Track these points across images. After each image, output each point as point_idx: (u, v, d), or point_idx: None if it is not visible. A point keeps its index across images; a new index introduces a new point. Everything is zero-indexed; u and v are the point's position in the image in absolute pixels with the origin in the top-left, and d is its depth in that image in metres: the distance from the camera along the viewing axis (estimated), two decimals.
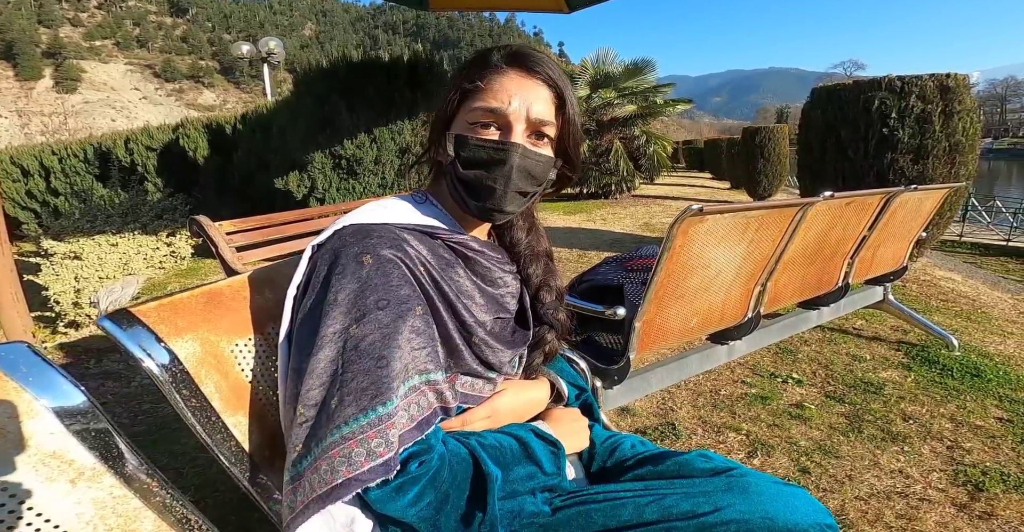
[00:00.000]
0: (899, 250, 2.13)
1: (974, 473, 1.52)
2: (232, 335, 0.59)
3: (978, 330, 2.77)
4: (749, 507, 0.58)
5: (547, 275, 0.75)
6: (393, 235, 0.59)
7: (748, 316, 1.50)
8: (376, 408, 0.51)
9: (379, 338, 0.53)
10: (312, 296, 0.56)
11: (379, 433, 0.51)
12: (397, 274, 0.56)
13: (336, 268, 0.55)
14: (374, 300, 0.54)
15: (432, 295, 0.60)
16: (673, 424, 1.82)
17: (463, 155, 0.60)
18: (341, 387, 0.51)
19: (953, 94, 3.02)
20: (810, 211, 1.29)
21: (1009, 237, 7.12)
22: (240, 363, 0.59)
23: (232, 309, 0.59)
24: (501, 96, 0.59)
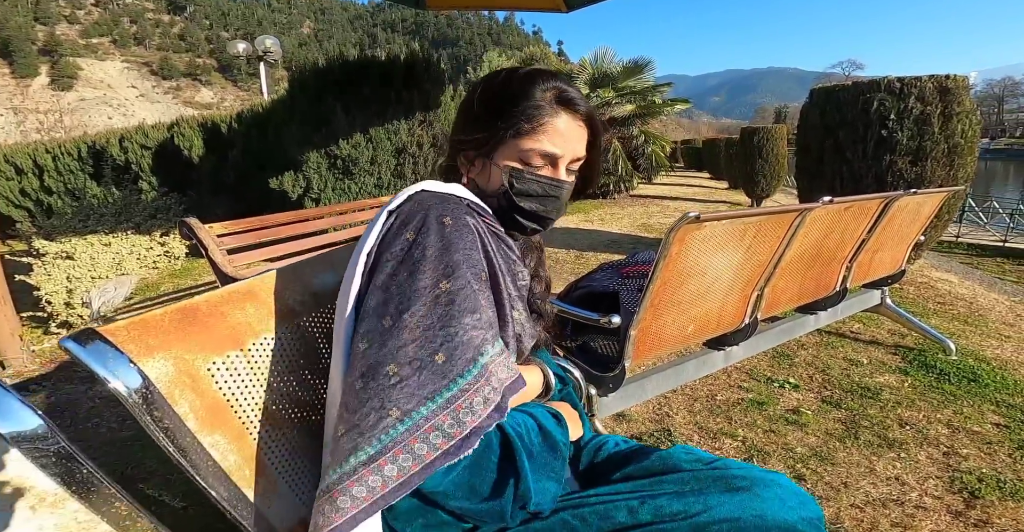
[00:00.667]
0: (897, 254, 2.12)
1: (970, 480, 1.51)
2: (209, 353, 0.56)
3: (975, 334, 2.76)
4: (739, 505, 0.60)
5: (538, 266, 0.80)
6: (460, 205, 0.63)
7: (745, 322, 1.48)
8: (479, 359, 0.53)
9: (471, 292, 0.56)
10: (391, 253, 0.57)
11: (488, 381, 0.54)
12: (471, 239, 0.60)
13: (418, 227, 0.58)
14: (460, 257, 0.57)
15: (495, 263, 0.63)
16: (669, 430, 1.80)
17: (517, 187, 0.67)
18: (447, 341, 0.52)
19: (952, 96, 3.00)
20: (809, 216, 1.27)
21: (1005, 238, 7.13)
22: (218, 382, 0.57)
23: (209, 326, 0.57)
24: (557, 141, 0.66)
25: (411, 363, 0.52)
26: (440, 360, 0.52)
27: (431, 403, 0.51)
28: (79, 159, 6.38)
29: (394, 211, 0.62)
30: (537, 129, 0.65)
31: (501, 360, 0.56)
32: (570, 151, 0.68)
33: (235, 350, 0.59)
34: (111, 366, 0.47)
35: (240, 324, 0.59)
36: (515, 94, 0.66)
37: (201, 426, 0.55)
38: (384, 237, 0.60)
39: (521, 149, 0.66)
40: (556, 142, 0.66)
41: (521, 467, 0.58)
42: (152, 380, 0.50)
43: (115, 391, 0.48)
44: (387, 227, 0.61)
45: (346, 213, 2.95)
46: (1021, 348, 2.59)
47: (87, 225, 4.78)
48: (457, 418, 0.51)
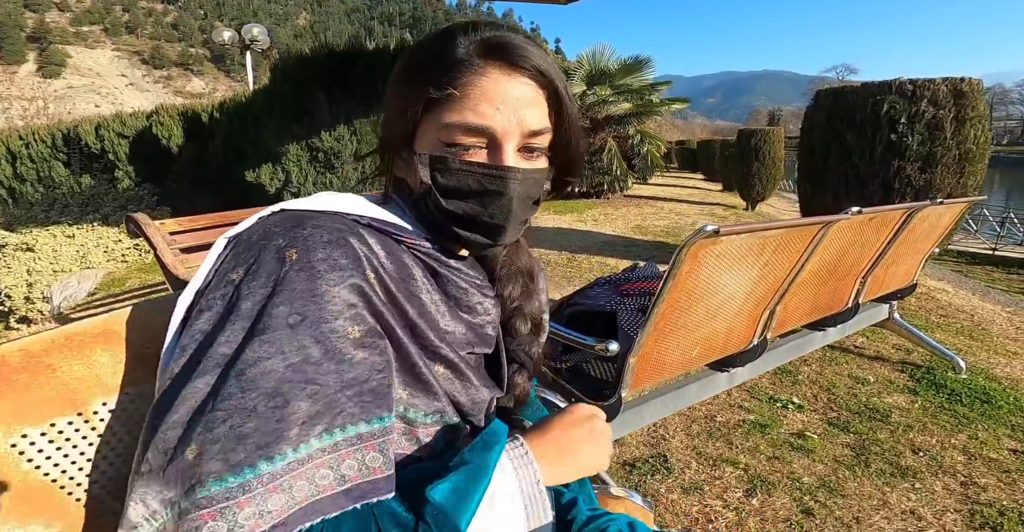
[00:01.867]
0: (911, 266, 1.99)
1: (991, 514, 1.41)
2: (16, 423, 0.39)
3: (982, 349, 2.65)
4: None
5: (523, 299, 0.59)
6: (339, 226, 0.44)
7: (754, 342, 1.34)
8: (257, 465, 0.36)
9: (280, 366, 0.38)
10: (204, 300, 0.41)
11: (252, 501, 0.36)
12: (328, 279, 0.41)
13: (246, 263, 0.41)
14: (285, 312, 0.39)
15: (381, 310, 0.44)
16: (665, 456, 1.65)
17: (442, 182, 0.47)
18: (207, 430, 0.36)
19: (966, 99, 2.88)
20: (832, 228, 1.12)
21: (995, 246, 7.13)
22: (34, 459, 0.40)
23: (20, 385, 0.39)
24: (483, 108, 0.45)
25: (165, 452, 0.37)
26: (190, 456, 0.36)
27: (167, 512, 0.36)
28: (52, 147, 6.11)
29: (233, 239, 0.45)
30: (455, 95, 0.45)
31: (304, 473, 0.38)
32: (514, 122, 0.46)
33: (69, 415, 0.41)
34: None
35: (81, 379, 0.42)
36: (428, 54, 0.47)
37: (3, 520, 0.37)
38: (212, 276, 0.43)
39: (439, 127, 0.46)
40: (484, 110, 0.45)
41: None
42: None
43: None
44: (220, 259, 0.43)
45: None
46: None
47: (50, 216, 4.53)
48: None
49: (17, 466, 0.39)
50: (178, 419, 0.37)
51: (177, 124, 5.68)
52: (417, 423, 0.48)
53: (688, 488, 1.51)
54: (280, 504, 0.37)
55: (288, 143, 3.87)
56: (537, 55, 0.47)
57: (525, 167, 0.48)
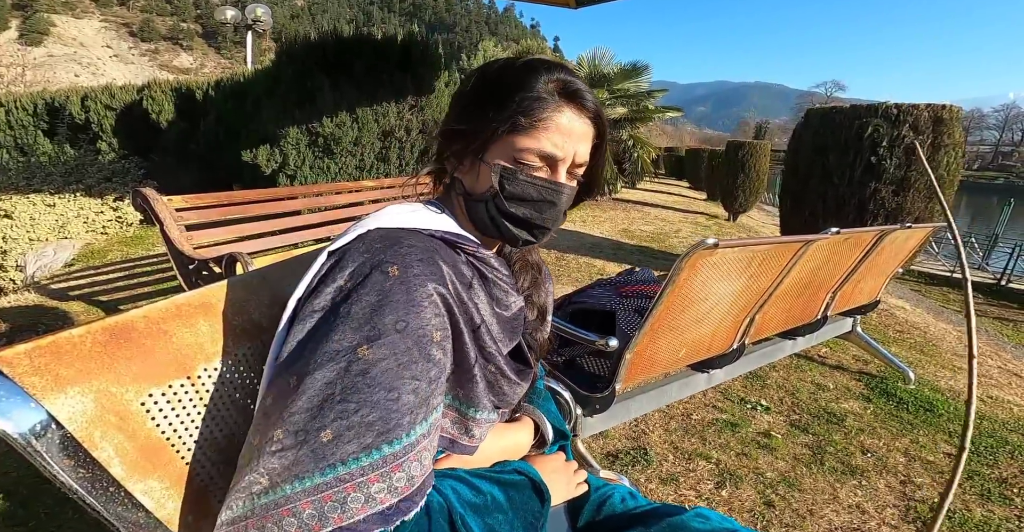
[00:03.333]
0: (876, 284, 2.15)
1: (923, 510, 1.55)
2: (145, 383, 0.45)
3: (931, 364, 2.86)
4: None
5: (533, 289, 0.69)
6: (426, 245, 0.53)
7: (733, 346, 1.45)
8: (382, 447, 0.44)
9: (393, 366, 0.46)
10: (317, 303, 0.48)
11: (382, 477, 0.44)
12: (422, 293, 0.49)
13: (355, 276, 0.48)
14: (393, 320, 0.47)
15: (458, 317, 0.53)
16: (645, 449, 1.77)
17: (509, 189, 0.57)
18: (340, 418, 0.43)
19: (945, 126, 3.04)
20: (813, 246, 1.24)
21: (953, 269, 7.50)
22: (156, 418, 0.46)
23: (147, 350, 0.45)
24: (558, 141, 0.56)
25: (297, 434, 0.43)
26: (325, 438, 0.43)
27: (294, 484, 0.42)
28: (34, 114, 5.88)
29: (335, 252, 0.52)
30: (537, 125, 0.55)
31: (415, 454, 0.46)
32: (572, 153, 0.57)
33: (180, 378, 0.48)
34: (2, 406, 0.36)
35: (189, 346, 0.48)
36: (513, 84, 0.56)
37: (130, 473, 0.44)
38: (317, 284, 0.49)
39: (516, 148, 0.56)
40: (557, 141, 0.56)
41: None
42: (63, 422, 0.39)
43: (8, 438, 0.36)
44: (323, 271, 0.50)
45: (322, 195, 2.78)
46: None
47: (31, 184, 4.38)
48: (321, 510, 0.42)
49: (143, 424, 0.45)
50: (303, 405, 0.43)
51: (169, 99, 5.53)
52: (470, 416, 0.58)
53: (665, 479, 1.62)
54: (403, 481, 0.45)
55: (288, 126, 3.84)
56: (595, 101, 0.59)
57: (570, 185, 0.60)
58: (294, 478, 0.42)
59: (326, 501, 0.42)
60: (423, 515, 0.47)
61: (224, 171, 4.54)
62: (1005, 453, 1.92)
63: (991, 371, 3.00)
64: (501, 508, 0.57)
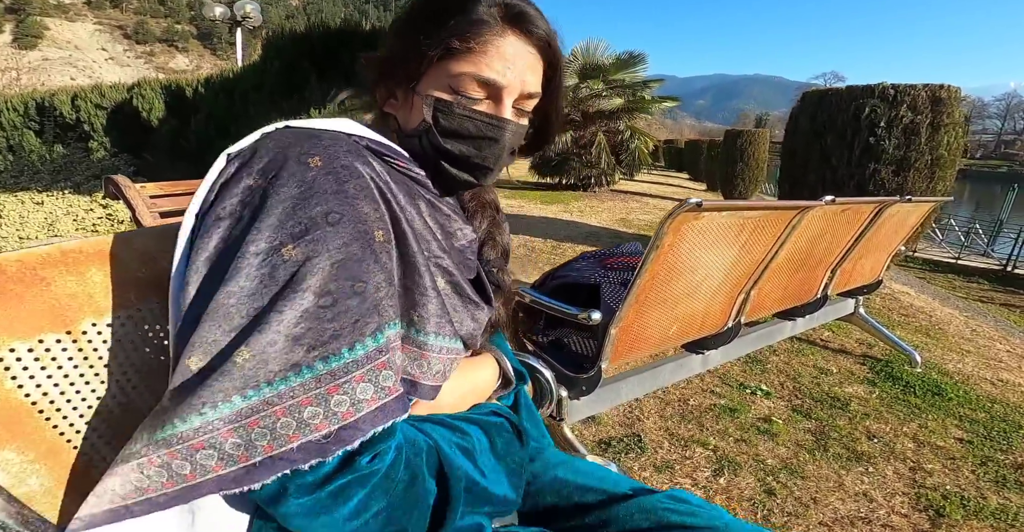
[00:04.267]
0: (878, 263, 2.08)
1: (935, 498, 1.49)
2: (8, 336, 0.38)
3: (937, 347, 2.80)
4: None
5: (492, 228, 0.64)
6: (348, 140, 0.45)
7: (728, 325, 1.39)
8: (315, 364, 0.37)
9: (327, 265, 0.38)
10: (222, 208, 0.39)
11: (316, 399, 0.37)
12: (356, 184, 0.42)
13: (267, 171, 0.40)
14: (323, 211, 0.39)
15: (399, 216, 0.45)
16: (639, 435, 1.71)
17: (443, 124, 0.51)
18: (259, 333, 0.36)
19: (944, 106, 2.99)
20: (807, 215, 1.17)
21: (959, 255, 7.45)
22: (18, 377, 0.39)
23: (15, 296, 0.39)
24: (498, 66, 0.50)
25: (213, 354, 0.36)
26: (241, 359, 0.36)
27: (212, 411, 0.35)
28: (24, 115, 5.86)
29: (236, 153, 0.44)
30: (473, 48, 0.49)
31: (362, 373, 0.38)
32: (518, 82, 0.51)
33: (58, 332, 0.41)
34: None
35: (73, 296, 0.41)
36: (451, 6, 0.49)
37: None
38: (220, 190, 0.41)
39: (452, 74, 0.49)
40: (497, 67, 0.49)
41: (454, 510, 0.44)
42: None
43: None
44: (222, 177, 0.42)
45: None
46: (981, 363, 2.64)
47: (19, 181, 4.35)
48: (248, 439, 0.36)
49: (1, 383, 0.38)
50: (215, 321, 0.36)
51: (159, 97, 5.51)
52: (425, 345, 0.48)
53: (660, 466, 1.56)
54: (344, 405, 0.37)
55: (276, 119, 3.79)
56: (547, 28, 0.52)
57: (515, 122, 0.53)
58: (207, 404, 0.35)
59: (252, 427, 0.35)
60: (388, 461, 0.40)
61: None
62: (1019, 437, 1.85)
63: (1000, 354, 2.93)
64: (486, 451, 0.52)
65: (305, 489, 0.37)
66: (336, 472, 0.38)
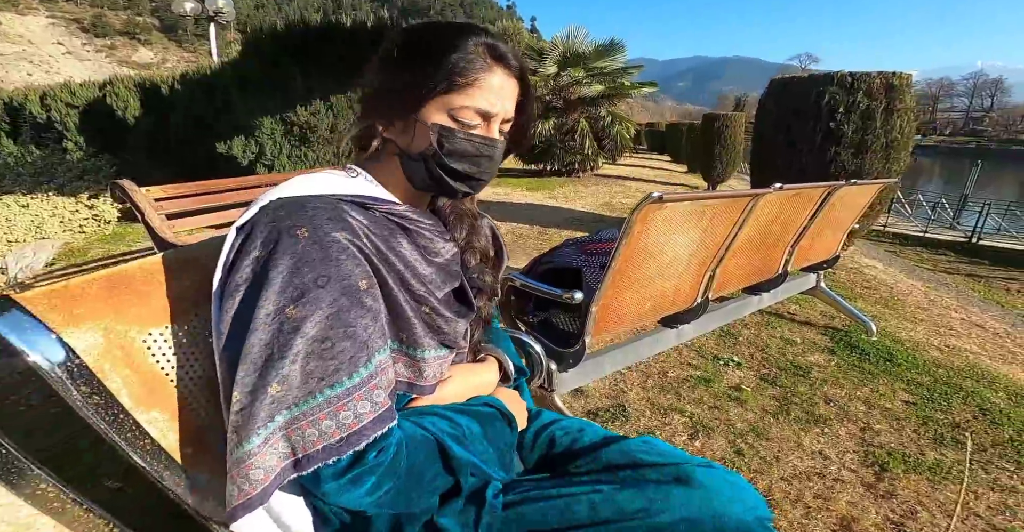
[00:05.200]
0: (834, 240, 2.27)
1: (880, 454, 1.63)
2: (145, 324, 0.52)
3: (894, 317, 3.02)
4: (700, 505, 0.60)
5: (471, 235, 0.73)
6: (330, 205, 0.56)
7: (697, 301, 1.55)
8: (324, 391, 0.50)
9: (321, 319, 0.51)
10: (239, 277, 0.52)
11: (329, 416, 0.50)
12: (337, 247, 0.53)
13: (267, 244, 0.52)
14: (312, 277, 0.51)
15: (378, 265, 0.57)
16: (623, 405, 1.88)
17: (447, 147, 0.61)
18: (281, 371, 0.49)
19: (896, 92, 3.18)
20: (761, 201, 1.33)
21: (926, 229, 7.79)
22: (155, 354, 0.53)
23: (145, 295, 0.52)
24: (492, 99, 0.61)
25: (250, 393, 0.49)
26: (273, 392, 0.49)
27: (259, 434, 0.49)
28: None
29: (242, 228, 0.55)
30: (473, 84, 0.59)
31: (360, 394, 0.52)
32: (503, 109, 0.63)
33: (175, 322, 0.55)
34: (29, 337, 0.43)
35: (180, 294, 0.55)
36: (446, 46, 0.59)
37: (136, 403, 0.51)
38: (234, 261, 0.53)
39: (455, 106, 0.59)
40: (491, 99, 0.61)
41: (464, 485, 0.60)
42: (78, 352, 0.46)
43: (35, 365, 0.43)
44: (235, 248, 0.54)
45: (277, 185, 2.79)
46: (932, 331, 2.86)
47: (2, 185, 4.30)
48: (290, 442, 0.50)
49: (145, 358, 0.52)
50: (250, 368, 0.49)
51: (133, 95, 5.40)
52: (417, 357, 0.62)
53: (642, 432, 1.72)
54: (349, 418, 0.51)
55: (261, 117, 3.81)
56: (520, 64, 0.64)
57: (501, 140, 0.65)
58: (257, 429, 0.49)
59: (291, 435, 0.50)
60: (391, 454, 0.54)
61: (197, 165, 4.49)
62: (959, 399, 2.01)
63: (952, 322, 3.14)
64: (478, 438, 0.64)
65: (332, 477, 0.51)
66: (351, 465, 0.52)
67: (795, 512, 1.35)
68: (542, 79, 9.07)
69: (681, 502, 0.60)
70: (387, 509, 0.55)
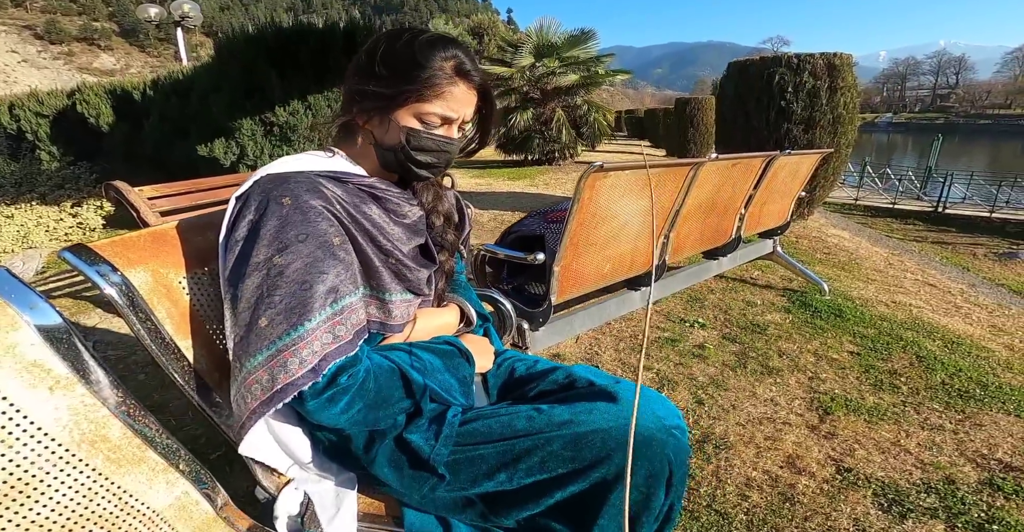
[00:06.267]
0: (783, 207, 2.46)
1: (825, 400, 1.77)
2: (179, 269, 0.66)
3: (848, 278, 3.25)
4: (615, 417, 0.72)
5: (436, 201, 0.88)
6: (309, 180, 0.69)
7: (655, 263, 1.72)
8: (304, 323, 0.61)
9: (301, 266, 0.62)
10: (237, 235, 0.64)
11: (307, 344, 0.61)
12: (314, 212, 0.66)
13: (259, 209, 0.64)
14: (294, 234, 0.63)
15: (349, 226, 0.70)
16: (597, 366, 2.05)
17: (413, 143, 0.74)
18: (269, 308, 0.60)
19: (838, 72, 3.42)
20: (701, 170, 1.50)
21: (895, 200, 8.11)
22: (188, 293, 0.67)
23: (177, 247, 0.66)
24: (455, 107, 0.75)
25: (246, 326, 0.61)
26: (263, 324, 0.60)
27: (252, 360, 0.60)
28: None
29: (240, 197, 0.68)
30: (440, 95, 0.72)
31: (327, 327, 0.63)
32: (462, 115, 0.76)
33: (199, 268, 0.69)
34: (103, 273, 0.58)
35: (202, 247, 0.69)
36: (418, 61, 0.71)
37: (176, 331, 0.66)
38: (234, 222, 0.66)
39: (421, 111, 0.73)
40: (453, 107, 0.74)
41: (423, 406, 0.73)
42: (135, 286, 0.61)
43: (109, 296, 0.58)
44: (234, 213, 0.67)
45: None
46: (882, 289, 3.10)
47: None
48: (272, 374, 0.60)
49: (182, 296, 0.66)
50: (244, 305, 0.61)
51: (105, 102, 5.37)
52: (386, 300, 0.76)
53: None
54: (319, 346, 0.62)
55: (240, 118, 3.88)
56: (482, 79, 0.77)
57: (457, 139, 0.79)
58: (251, 355, 0.60)
59: (274, 367, 0.60)
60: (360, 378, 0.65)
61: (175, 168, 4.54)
62: (898, 348, 2.18)
63: (905, 283, 3.38)
64: (439, 370, 0.77)
65: (312, 395, 0.62)
66: (327, 386, 0.63)
67: (748, 452, 1.51)
68: (518, 71, 9.18)
69: (601, 415, 0.72)
70: (359, 427, 0.68)
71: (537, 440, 0.71)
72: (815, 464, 1.46)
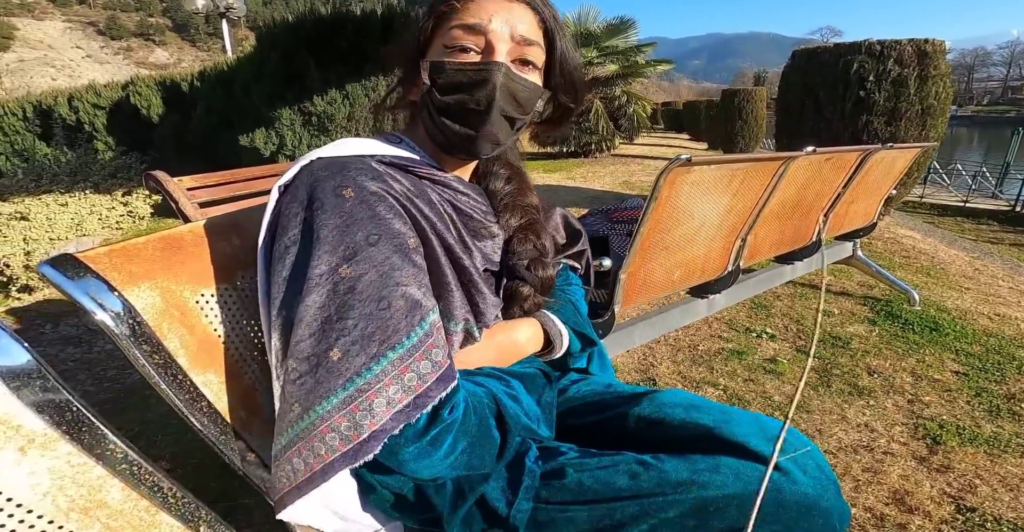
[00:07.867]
0: (870, 207, 2.18)
1: (932, 427, 1.57)
2: (197, 285, 0.53)
3: (937, 285, 2.90)
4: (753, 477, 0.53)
5: (527, 226, 0.68)
6: (371, 166, 0.53)
7: (728, 269, 1.52)
8: (387, 354, 0.46)
9: (376, 277, 0.48)
10: (287, 239, 0.50)
11: (395, 380, 0.46)
12: (384, 206, 0.51)
13: (313, 204, 0.49)
14: (363, 235, 0.48)
15: (424, 228, 0.54)
16: (654, 379, 1.87)
17: (440, 82, 0.55)
18: (341, 336, 0.46)
19: (930, 59, 3.07)
20: (792, 165, 1.28)
21: (967, 199, 7.44)
22: (208, 316, 0.54)
23: (195, 256, 0.53)
24: (480, 13, 0.54)
25: (308, 359, 0.46)
26: (335, 357, 0.46)
27: (326, 403, 0.46)
28: (24, 119, 5.95)
29: (283, 186, 0.53)
30: (457, 7, 0.54)
31: (420, 354, 0.48)
32: (506, 28, 0.54)
33: (225, 283, 0.56)
34: (92, 294, 0.45)
35: (227, 256, 0.56)
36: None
37: (192, 364, 0.53)
38: (279, 220, 0.51)
39: (444, 34, 0.55)
40: (481, 15, 0.53)
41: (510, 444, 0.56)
42: (139, 311, 0.48)
43: (101, 323, 0.45)
44: (279, 203, 0.52)
45: None
46: (980, 299, 2.73)
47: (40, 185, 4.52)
48: (354, 420, 0.45)
49: (200, 319, 0.53)
50: (305, 332, 0.46)
51: (155, 94, 5.56)
52: (450, 330, 0.58)
53: None
54: (414, 380, 0.47)
55: (280, 108, 3.89)
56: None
57: (512, 68, 0.56)
58: (321, 399, 0.45)
59: (355, 411, 0.45)
60: (461, 411, 0.50)
61: (222, 159, 4.63)
62: (1012, 369, 1.91)
63: (1001, 291, 2.99)
64: (522, 395, 0.62)
65: (412, 439, 0.48)
66: (429, 425, 0.48)
67: (845, 485, 1.31)
68: None
69: (733, 474, 0.53)
70: (462, 471, 0.52)
71: (646, 505, 0.53)
72: (929, 502, 1.26)
